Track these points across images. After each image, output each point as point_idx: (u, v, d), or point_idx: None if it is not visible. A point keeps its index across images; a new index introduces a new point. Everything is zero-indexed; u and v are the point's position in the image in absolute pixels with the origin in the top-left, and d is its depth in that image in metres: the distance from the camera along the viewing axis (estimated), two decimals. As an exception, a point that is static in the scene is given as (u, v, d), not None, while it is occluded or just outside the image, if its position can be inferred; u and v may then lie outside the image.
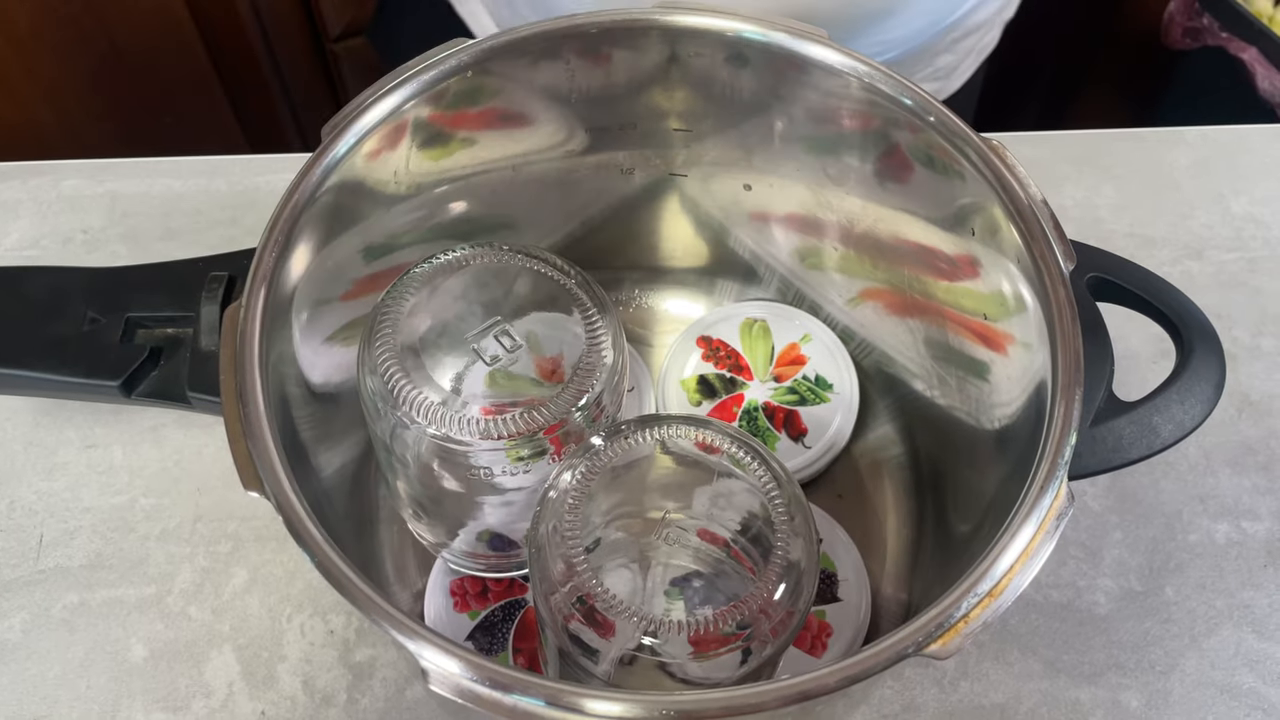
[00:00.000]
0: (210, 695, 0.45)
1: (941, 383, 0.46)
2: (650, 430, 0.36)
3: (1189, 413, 0.35)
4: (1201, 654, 0.46)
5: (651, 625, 0.32)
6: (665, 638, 0.32)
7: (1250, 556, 0.49)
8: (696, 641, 0.33)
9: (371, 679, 0.45)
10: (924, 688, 0.45)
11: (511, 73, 0.41)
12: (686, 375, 0.51)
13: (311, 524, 0.31)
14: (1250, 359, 0.55)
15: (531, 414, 0.36)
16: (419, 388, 0.36)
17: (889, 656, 0.28)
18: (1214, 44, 1.07)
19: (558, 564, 0.34)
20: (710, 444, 0.36)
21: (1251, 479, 0.51)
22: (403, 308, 0.37)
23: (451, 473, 0.38)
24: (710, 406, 0.50)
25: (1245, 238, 0.59)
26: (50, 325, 0.37)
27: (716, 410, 0.50)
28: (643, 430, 0.36)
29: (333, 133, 0.37)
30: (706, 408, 0.50)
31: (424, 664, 0.28)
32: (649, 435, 0.36)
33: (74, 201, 0.60)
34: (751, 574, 0.36)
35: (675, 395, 0.50)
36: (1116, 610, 0.47)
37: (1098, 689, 0.46)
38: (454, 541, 0.43)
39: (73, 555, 0.48)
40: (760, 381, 0.50)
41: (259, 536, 0.48)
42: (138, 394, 0.37)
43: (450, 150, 0.43)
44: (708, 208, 0.50)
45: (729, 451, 0.36)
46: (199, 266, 0.37)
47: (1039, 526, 0.30)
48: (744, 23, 0.40)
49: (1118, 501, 0.50)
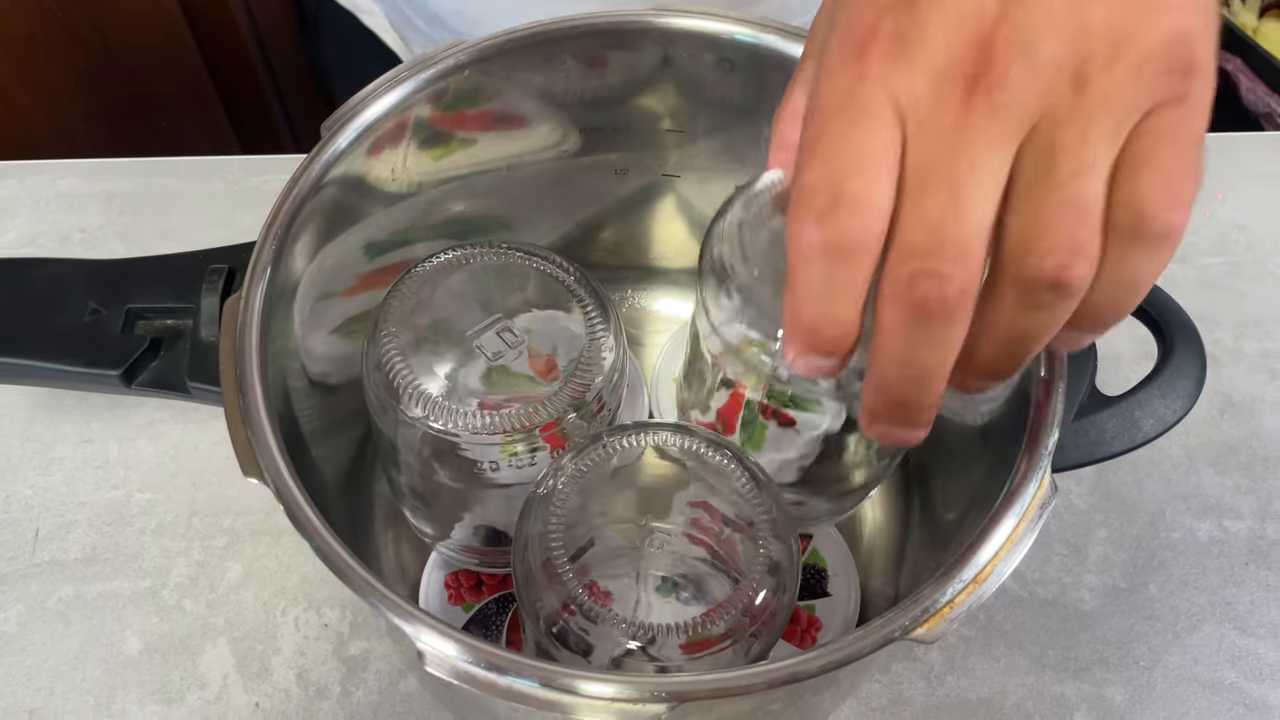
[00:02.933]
0: (205, 687, 0.45)
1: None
2: (634, 436, 0.37)
3: (1170, 407, 0.36)
4: (1184, 650, 0.47)
5: (636, 630, 0.33)
6: (650, 642, 0.33)
7: (1232, 554, 0.50)
8: (683, 646, 0.33)
9: (365, 671, 0.46)
10: (911, 681, 0.46)
11: (508, 73, 0.42)
12: (679, 374, 0.51)
13: (310, 510, 0.31)
14: (1233, 361, 0.56)
15: (529, 410, 0.37)
16: (420, 382, 0.37)
17: (876, 640, 0.29)
18: (1199, 55, 1.08)
19: (541, 569, 0.34)
20: (692, 449, 0.37)
21: (1233, 478, 0.52)
22: (406, 305, 0.38)
23: (449, 466, 0.39)
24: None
25: (1229, 242, 0.60)
26: (52, 316, 0.37)
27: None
28: (627, 436, 0.37)
29: (332, 129, 0.38)
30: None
31: (421, 646, 0.29)
32: (633, 441, 0.37)
33: (71, 200, 0.60)
34: (735, 575, 0.37)
35: (667, 394, 0.51)
36: (1101, 606, 0.48)
37: (1082, 684, 0.46)
38: (451, 535, 0.44)
39: (68, 549, 0.49)
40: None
41: (254, 531, 0.49)
42: (138, 384, 0.37)
43: (447, 149, 0.44)
44: (701, 208, 0.50)
45: (710, 457, 0.37)
46: (199, 259, 0.38)
47: (1022, 516, 0.31)
48: (736, 25, 0.41)
49: (1102, 500, 0.51)
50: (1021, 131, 0.24)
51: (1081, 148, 0.24)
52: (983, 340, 0.26)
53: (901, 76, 0.24)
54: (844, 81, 0.24)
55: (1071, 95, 0.24)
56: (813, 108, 0.25)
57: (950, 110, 0.24)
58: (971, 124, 0.23)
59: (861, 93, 0.24)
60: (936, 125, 0.24)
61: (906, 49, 0.24)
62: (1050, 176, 0.24)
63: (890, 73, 0.24)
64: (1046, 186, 0.24)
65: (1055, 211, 0.24)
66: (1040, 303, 0.25)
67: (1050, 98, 0.24)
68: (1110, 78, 0.24)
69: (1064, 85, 0.24)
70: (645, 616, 0.34)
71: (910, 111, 0.24)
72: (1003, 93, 0.23)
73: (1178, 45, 0.24)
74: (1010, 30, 0.23)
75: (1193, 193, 0.24)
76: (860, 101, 0.24)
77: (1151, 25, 0.24)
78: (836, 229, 0.24)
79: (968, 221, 0.24)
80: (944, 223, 0.24)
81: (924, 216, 0.24)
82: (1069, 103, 0.24)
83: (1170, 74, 0.24)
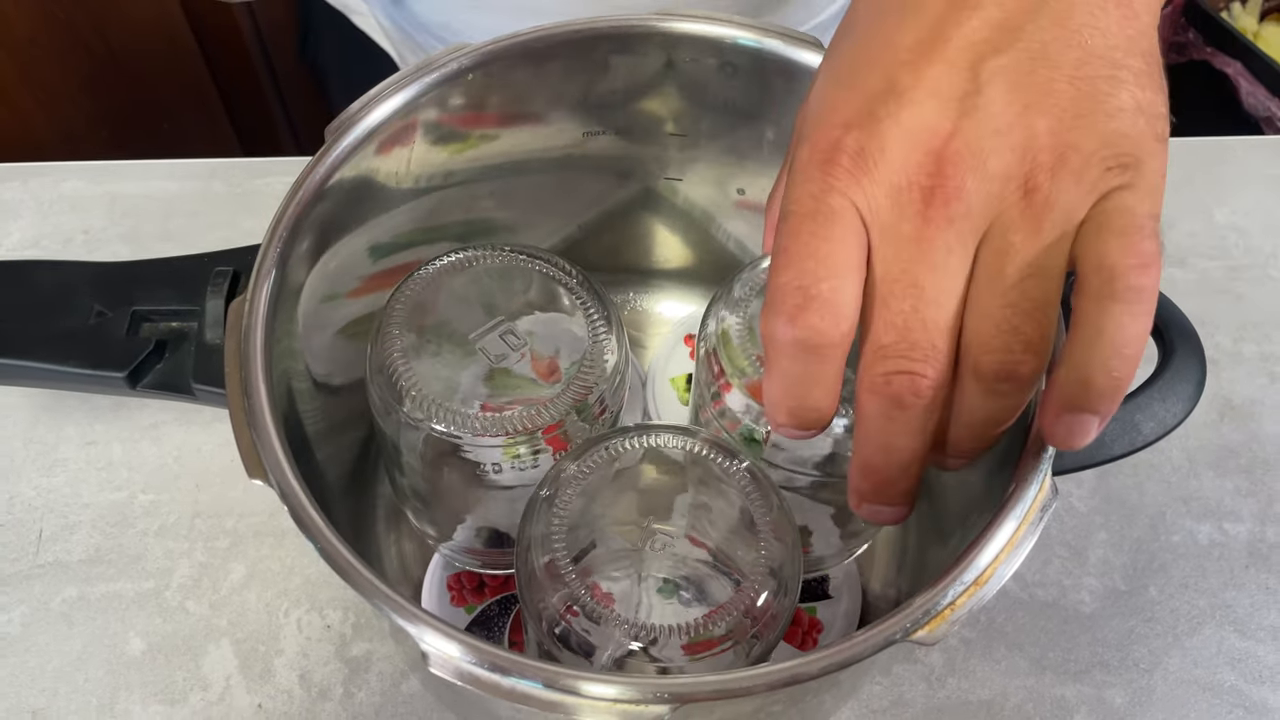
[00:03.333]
0: (207, 688, 0.45)
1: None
2: (636, 438, 0.37)
3: (1170, 410, 0.36)
4: (1184, 652, 0.47)
5: (638, 631, 0.33)
6: (652, 643, 0.33)
7: (1232, 557, 0.50)
8: (685, 647, 0.33)
9: (368, 673, 0.46)
10: (912, 684, 0.46)
11: (513, 77, 0.42)
12: (675, 374, 0.51)
13: (315, 512, 0.31)
14: (1232, 364, 0.56)
15: (531, 413, 0.37)
16: (423, 385, 0.37)
17: (878, 642, 0.29)
18: (1199, 58, 1.09)
19: (544, 571, 0.34)
20: (694, 451, 0.37)
21: (1233, 481, 0.52)
22: (409, 307, 0.38)
23: (452, 468, 0.39)
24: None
25: (1228, 246, 0.60)
26: (57, 318, 0.37)
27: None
28: (629, 438, 0.37)
29: (337, 132, 0.38)
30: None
31: (425, 647, 0.29)
32: (635, 443, 0.37)
33: (74, 202, 0.60)
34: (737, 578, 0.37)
35: (665, 393, 0.51)
36: (1101, 609, 0.48)
37: (1083, 686, 0.46)
38: (453, 537, 0.44)
39: (72, 550, 0.49)
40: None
41: (257, 532, 0.49)
42: (143, 385, 0.37)
43: (451, 153, 0.44)
44: (702, 211, 0.51)
45: (712, 459, 0.37)
46: (204, 262, 0.38)
47: (1023, 518, 0.31)
48: (739, 29, 0.41)
49: (1103, 502, 0.51)
50: (976, 236, 0.26)
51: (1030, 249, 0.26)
52: (954, 424, 0.28)
53: (864, 189, 0.26)
54: (812, 190, 0.26)
55: (1020, 202, 0.26)
56: (786, 212, 0.27)
57: (909, 221, 0.26)
58: (929, 234, 0.26)
59: (828, 202, 0.26)
60: (898, 234, 0.26)
61: (867, 163, 0.26)
62: (1000, 278, 0.26)
63: (853, 186, 0.26)
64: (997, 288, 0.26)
65: (1004, 311, 0.26)
66: (999, 392, 0.27)
67: (1001, 204, 0.26)
68: (1055, 184, 0.26)
69: (1013, 193, 0.26)
70: (646, 618, 0.34)
71: (873, 221, 0.26)
72: (958, 204, 0.25)
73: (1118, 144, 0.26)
74: (961, 145, 0.25)
75: (1155, 258, 0.26)
76: (826, 210, 0.26)
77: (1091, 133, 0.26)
78: (808, 328, 0.26)
79: (932, 322, 0.26)
80: (910, 326, 0.26)
81: (892, 320, 0.26)
82: (1019, 208, 0.26)
83: (1111, 170, 0.26)
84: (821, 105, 0.28)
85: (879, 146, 0.26)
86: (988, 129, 0.25)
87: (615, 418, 0.41)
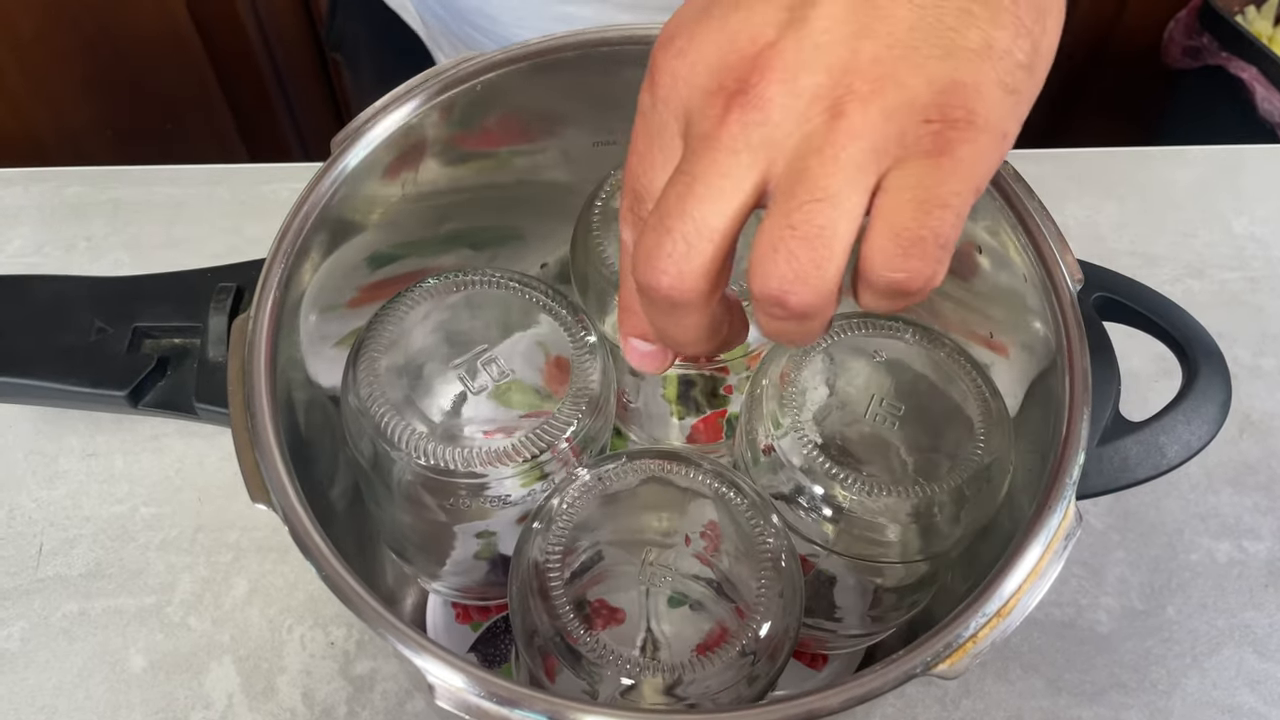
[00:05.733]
0: (209, 707, 0.45)
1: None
2: (630, 464, 0.36)
3: (1195, 433, 0.35)
4: (1203, 673, 0.46)
5: (635, 668, 0.32)
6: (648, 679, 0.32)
7: (1251, 576, 0.49)
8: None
9: (372, 691, 0.45)
10: (926, 705, 0.45)
11: (519, 87, 0.41)
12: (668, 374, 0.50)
13: (318, 536, 0.31)
14: (1251, 378, 0.55)
15: (522, 441, 0.36)
16: (401, 413, 0.35)
17: (896, 677, 0.28)
18: (1214, 63, 1.08)
19: (539, 603, 0.33)
20: (693, 476, 0.36)
21: (1253, 498, 0.51)
22: (389, 333, 0.37)
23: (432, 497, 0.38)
24: (695, 420, 0.50)
25: (1246, 257, 0.59)
26: (57, 334, 0.37)
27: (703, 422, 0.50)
28: (623, 464, 0.36)
29: (343, 144, 0.37)
30: (690, 421, 0.50)
31: (430, 679, 0.28)
32: (630, 469, 0.36)
33: (77, 208, 0.59)
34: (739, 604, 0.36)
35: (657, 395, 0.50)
36: (1118, 629, 0.47)
37: (1100, 708, 0.46)
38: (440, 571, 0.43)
39: (72, 564, 0.48)
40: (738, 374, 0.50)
41: (260, 547, 0.48)
42: (144, 404, 0.36)
43: (457, 162, 0.43)
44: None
45: (710, 484, 0.36)
46: (207, 277, 0.37)
47: (1047, 546, 0.31)
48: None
49: (1120, 520, 0.50)
50: (771, 149, 0.25)
51: (821, 175, 0.24)
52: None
53: (682, 85, 0.26)
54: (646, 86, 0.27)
55: (824, 125, 0.24)
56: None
57: (709, 120, 0.25)
58: (719, 135, 0.25)
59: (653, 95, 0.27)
60: (696, 131, 0.26)
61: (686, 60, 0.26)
62: (788, 200, 0.25)
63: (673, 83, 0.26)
64: (782, 210, 0.25)
65: (783, 232, 0.25)
66: (772, 315, 0.26)
67: (805, 125, 0.24)
68: (865, 115, 0.24)
69: (819, 115, 0.24)
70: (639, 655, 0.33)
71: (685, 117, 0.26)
72: (756, 112, 0.25)
73: (948, 92, 0.24)
74: (775, 55, 0.25)
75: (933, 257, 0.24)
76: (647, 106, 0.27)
77: (918, 70, 0.24)
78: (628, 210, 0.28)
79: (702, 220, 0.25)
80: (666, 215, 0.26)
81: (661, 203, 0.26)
82: (821, 132, 0.24)
83: (929, 123, 0.24)
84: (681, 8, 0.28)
85: (698, 45, 0.26)
86: (808, 44, 0.24)
87: (605, 445, 0.40)
